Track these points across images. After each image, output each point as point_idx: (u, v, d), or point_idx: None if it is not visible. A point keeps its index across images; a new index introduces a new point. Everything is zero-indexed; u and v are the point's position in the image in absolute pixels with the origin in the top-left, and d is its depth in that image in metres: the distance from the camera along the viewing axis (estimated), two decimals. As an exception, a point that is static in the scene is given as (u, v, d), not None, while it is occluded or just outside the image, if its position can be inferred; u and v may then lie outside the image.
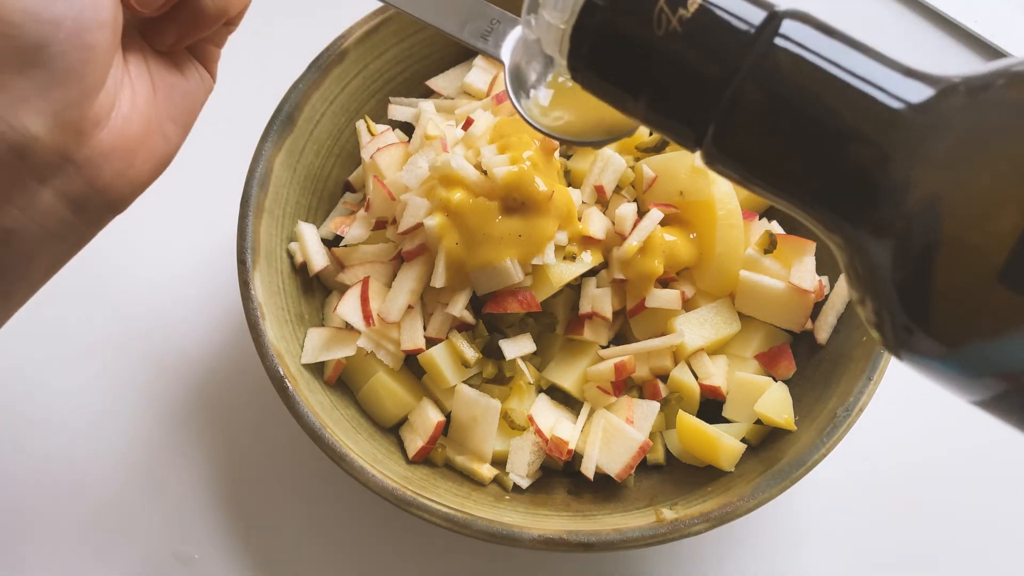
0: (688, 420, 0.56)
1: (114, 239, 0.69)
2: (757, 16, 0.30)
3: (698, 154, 0.33)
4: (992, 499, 0.64)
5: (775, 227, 0.61)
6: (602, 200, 0.60)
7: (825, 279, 0.60)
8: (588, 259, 0.57)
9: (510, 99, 0.48)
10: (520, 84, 0.49)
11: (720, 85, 0.30)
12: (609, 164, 0.58)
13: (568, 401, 0.59)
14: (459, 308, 0.56)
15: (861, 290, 0.31)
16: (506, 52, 0.48)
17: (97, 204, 0.39)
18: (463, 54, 0.67)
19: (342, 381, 0.60)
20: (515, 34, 0.48)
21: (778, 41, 0.30)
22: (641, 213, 0.58)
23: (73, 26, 0.34)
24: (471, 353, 0.56)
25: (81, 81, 0.35)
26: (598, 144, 0.49)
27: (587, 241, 0.57)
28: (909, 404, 0.66)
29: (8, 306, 0.40)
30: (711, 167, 0.33)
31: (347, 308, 0.57)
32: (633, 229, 0.57)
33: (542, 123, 0.48)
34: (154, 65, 0.42)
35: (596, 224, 0.57)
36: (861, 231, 0.30)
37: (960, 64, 0.72)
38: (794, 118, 0.30)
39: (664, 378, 0.59)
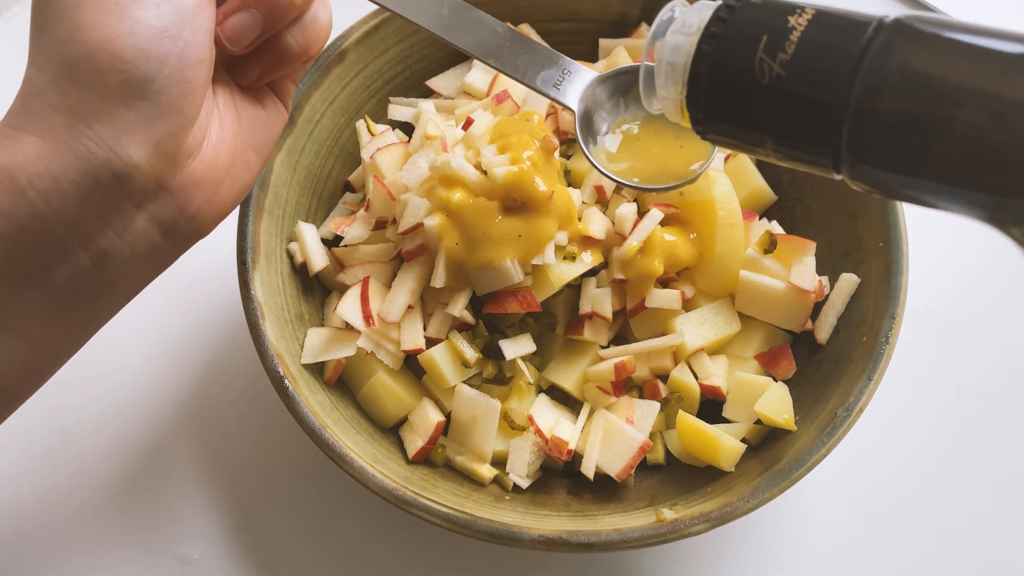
0: (688, 420, 0.56)
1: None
2: (860, 33, 0.30)
3: (840, 177, 0.33)
4: (992, 499, 0.64)
5: (775, 227, 0.61)
6: (602, 200, 0.60)
7: (825, 279, 0.60)
8: (588, 259, 0.57)
9: (580, 146, 0.51)
10: (589, 131, 0.52)
11: (840, 108, 0.30)
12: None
13: (568, 401, 0.59)
14: (459, 308, 0.56)
15: None
16: (575, 100, 0.51)
17: (185, 230, 0.42)
18: (463, 54, 0.67)
19: (342, 381, 0.60)
20: (584, 83, 0.51)
21: (893, 44, 0.29)
22: (641, 213, 0.58)
23: (177, 63, 0.37)
24: (471, 353, 0.56)
25: (180, 114, 0.38)
26: (665, 190, 0.52)
27: (587, 241, 0.57)
28: (909, 404, 0.66)
29: (92, 326, 0.43)
30: (859, 187, 0.33)
31: (347, 308, 0.57)
32: (633, 229, 0.57)
33: (610, 169, 0.51)
34: (239, 99, 0.45)
35: (596, 224, 0.57)
36: None
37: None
38: (929, 109, 0.29)
39: (664, 378, 0.59)
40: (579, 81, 0.51)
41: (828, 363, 0.57)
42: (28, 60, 0.38)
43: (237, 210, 0.57)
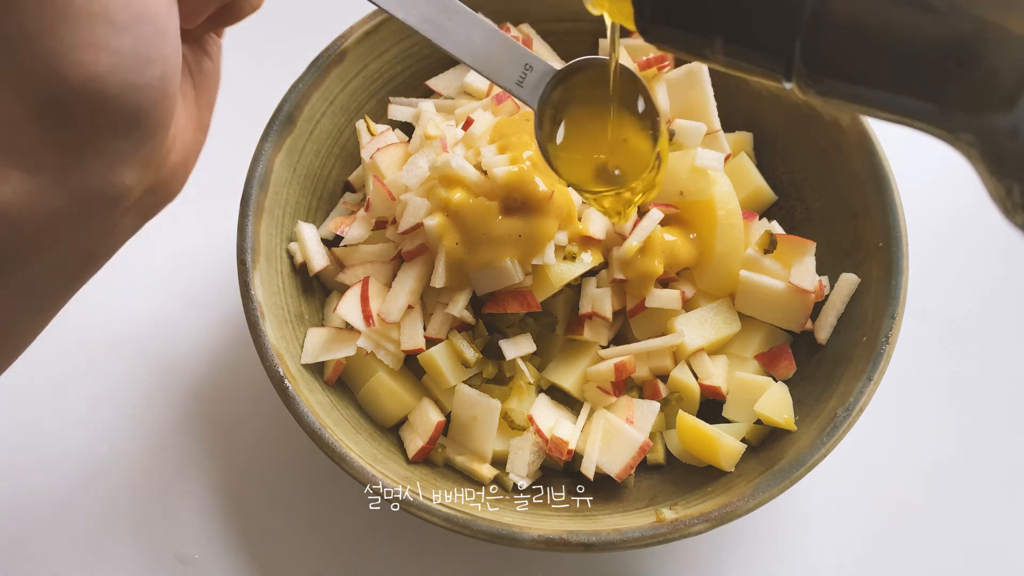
0: (688, 420, 0.56)
1: (114, 239, 0.69)
2: None
3: (791, 86, 0.31)
4: (992, 499, 0.64)
5: (775, 227, 0.61)
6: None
7: (825, 279, 0.60)
8: (588, 259, 0.57)
9: (538, 146, 0.49)
10: (555, 130, 0.49)
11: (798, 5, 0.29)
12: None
13: (568, 401, 0.59)
14: (459, 308, 0.56)
15: (1008, 178, 0.29)
16: (535, 98, 0.48)
17: (160, 207, 0.42)
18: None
19: (342, 381, 0.60)
20: (543, 78, 0.48)
21: None
22: (641, 213, 0.58)
23: (160, 85, 0.36)
24: (471, 353, 0.56)
25: (164, 128, 0.37)
26: (602, 195, 0.50)
27: (587, 241, 0.57)
28: (909, 404, 0.66)
29: (64, 301, 0.42)
30: (808, 94, 0.31)
31: (347, 308, 0.57)
32: (633, 229, 0.57)
33: (561, 170, 0.49)
34: (189, 59, 0.43)
35: (596, 224, 0.57)
36: (996, 113, 0.28)
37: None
38: (889, 9, 0.28)
39: (664, 378, 0.59)
40: (540, 78, 0.48)
41: (828, 363, 0.57)
42: None
43: (237, 210, 0.57)
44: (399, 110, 0.66)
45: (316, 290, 0.63)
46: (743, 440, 0.56)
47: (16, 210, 0.35)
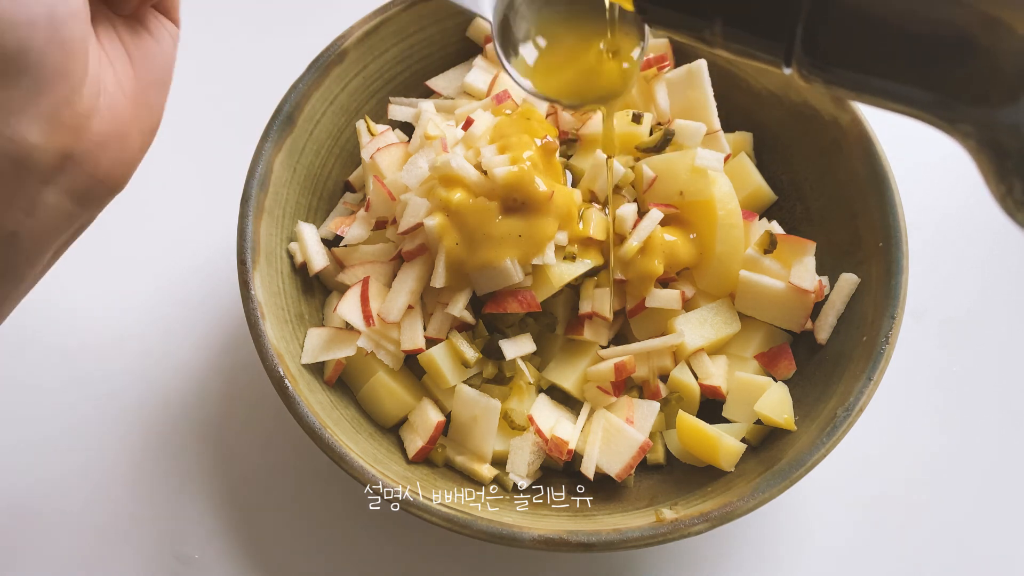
0: (688, 420, 0.56)
1: (114, 239, 0.69)
2: None
3: (790, 71, 0.31)
4: (992, 499, 0.64)
5: (775, 227, 0.61)
6: (596, 201, 0.60)
7: (825, 279, 0.60)
8: (588, 259, 0.57)
9: (499, 60, 0.47)
10: (509, 42, 0.47)
11: None
12: (602, 171, 0.58)
13: (568, 401, 0.59)
14: (459, 308, 0.56)
15: (1010, 175, 0.28)
16: (490, 9, 0.46)
17: (99, 192, 0.38)
18: (463, 54, 0.67)
19: (342, 381, 0.60)
20: None
21: None
22: (641, 213, 0.58)
23: (48, 23, 0.33)
24: (471, 353, 0.56)
25: (67, 78, 0.34)
26: (583, 106, 0.48)
27: (587, 241, 0.57)
28: (909, 404, 0.66)
29: (12, 301, 0.40)
30: (808, 80, 0.31)
31: (347, 308, 0.57)
32: (633, 229, 0.57)
33: (532, 84, 0.47)
34: (125, 34, 0.40)
35: (596, 224, 0.57)
36: (998, 107, 0.27)
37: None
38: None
39: (664, 378, 0.59)
40: None
41: (828, 363, 0.57)
42: None
43: (238, 210, 0.57)
44: (399, 110, 0.66)
45: (316, 290, 0.63)
46: (743, 440, 0.56)
47: None
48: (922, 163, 0.75)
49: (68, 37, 0.34)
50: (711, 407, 0.58)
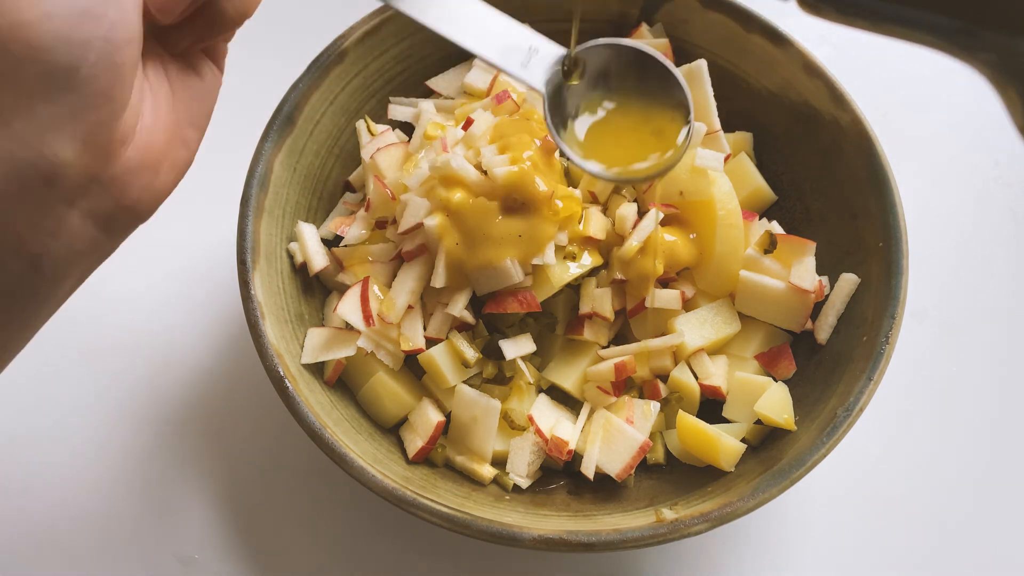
0: (688, 420, 0.56)
1: (114, 239, 0.69)
2: None
3: (792, 3, 0.30)
4: (992, 499, 0.64)
5: (775, 227, 0.61)
6: (596, 202, 0.60)
7: (825, 279, 0.60)
8: (588, 259, 0.57)
9: (549, 131, 0.47)
10: (560, 115, 0.47)
11: None
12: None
13: (568, 401, 0.59)
14: (459, 308, 0.56)
15: None
16: (542, 82, 0.46)
17: (124, 220, 0.38)
18: (463, 54, 0.67)
19: (342, 381, 0.60)
20: (552, 60, 0.46)
21: None
22: (641, 213, 0.58)
23: (103, 46, 0.33)
24: (471, 353, 0.56)
25: (110, 102, 0.34)
26: (641, 180, 0.49)
27: (587, 241, 0.57)
28: (909, 404, 0.66)
29: (35, 326, 0.40)
30: (818, 9, 0.29)
31: (347, 308, 0.57)
32: (633, 229, 0.57)
33: (583, 157, 0.47)
34: (172, 71, 0.41)
35: (596, 224, 0.57)
36: None
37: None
38: None
39: (664, 378, 0.59)
40: (546, 59, 0.46)
41: (828, 363, 0.57)
42: None
43: (238, 210, 0.57)
44: (399, 110, 0.66)
45: (316, 290, 0.63)
46: (743, 440, 0.56)
47: None
48: (922, 163, 0.75)
49: (120, 62, 0.34)
50: (711, 407, 0.58)
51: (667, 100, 0.47)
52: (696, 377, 0.58)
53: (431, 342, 0.57)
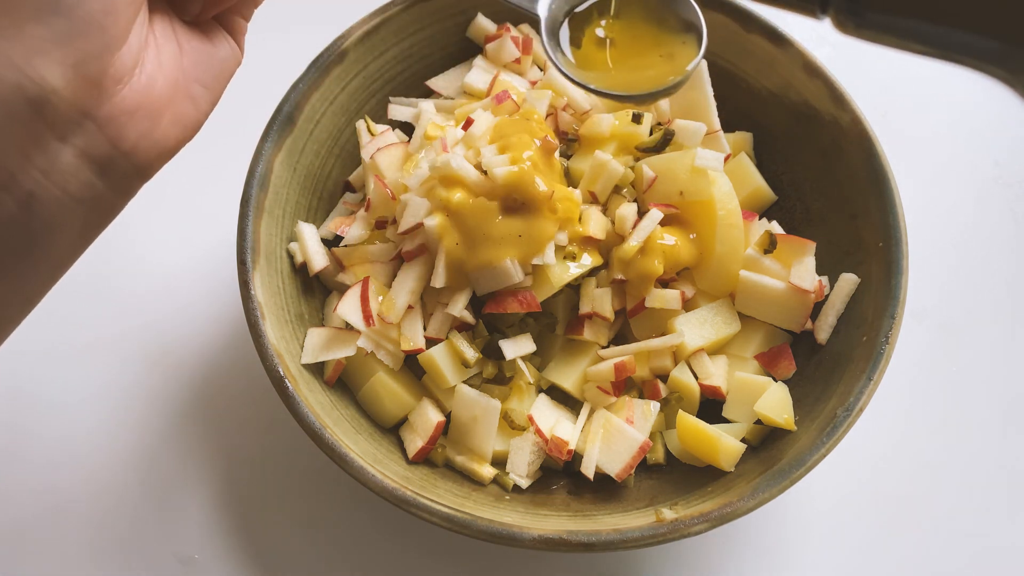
0: (688, 420, 0.56)
1: (114, 239, 0.69)
2: None
3: (826, 19, 0.29)
4: (991, 499, 0.64)
5: (775, 227, 0.61)
6: (596, 201, 0.60)
7: (825, 279, 0.60)
8: (588, 259, 0.57)
9: (546, 54, 0.47)
10: (555, 39, 0.48)
11: None
12: (602, 171, 0.58)
13: (568, 401, 0.59)
14: (459, 308, 0.56)
15: None
16: (542, 6, 0.47)
17: (123, 167, 0.37)
18: (463, 54, 0.67)
19: (342, 381, 0.60)
20: None
21: None
22: (641, 213, 0.58)
23: None
24: (471, 353, 0.56)
25: (103, 33, 0.34)
26: (639, 99, 0.49)
27: (587, 241, 0.57)
28: (909, 404, 0.66)
29: (37, 279, 0.38)
30: (848, 29, 0.29)
31: (347, 308, 0.57)
32: (633, 229, 0.57)
33: (580, 77, 0.47)
34: (181, 31, 0.41)
35: (596, 224, 0.57)
36: None
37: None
38: None
39: (664, 378, 0.59)
40: None
41: (828, 363, 0.57)
42: None
43: (238, 210, 0.57)
44: (399, 110, 0.66)
45: (316, 290, 0.63)
46: (743, 440, 0.56)
47: None
48: (922, 163, 0.75)
49: None
50: (711, 407, 0.58)
51: (679, 24, 0.48)
52: (696, 377, 0.58)
53: (431, 342, 0.57)
